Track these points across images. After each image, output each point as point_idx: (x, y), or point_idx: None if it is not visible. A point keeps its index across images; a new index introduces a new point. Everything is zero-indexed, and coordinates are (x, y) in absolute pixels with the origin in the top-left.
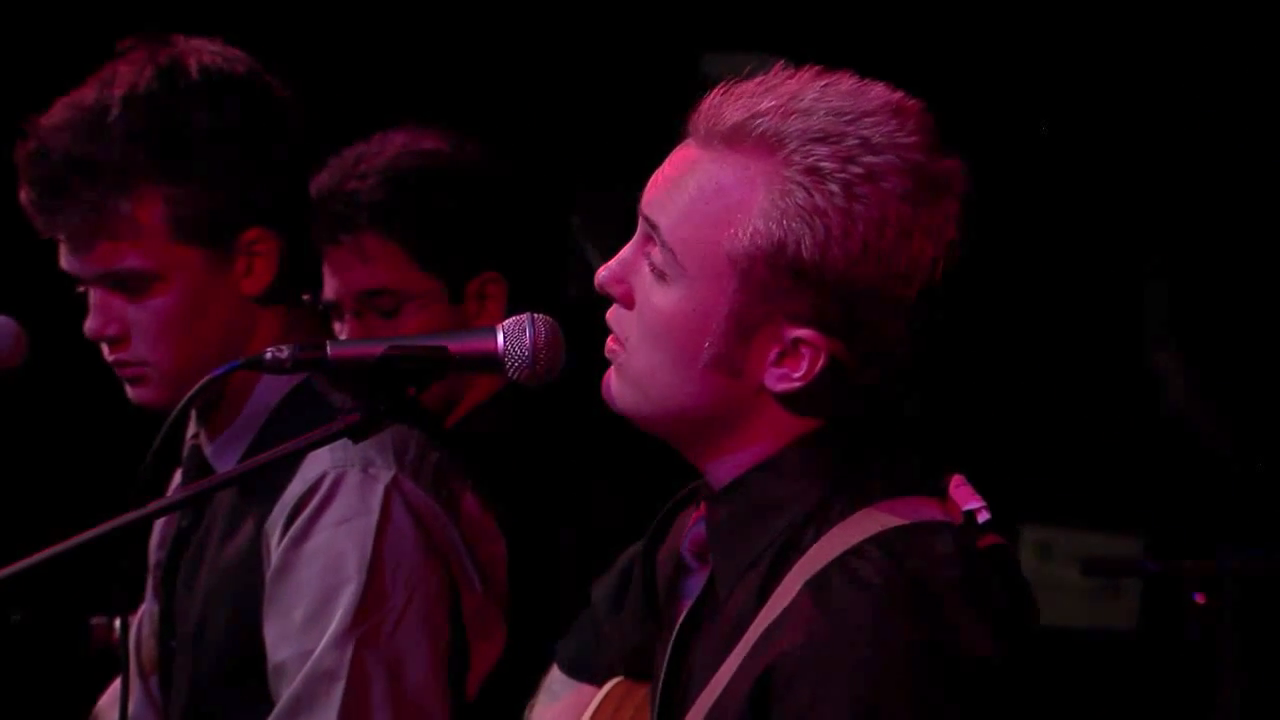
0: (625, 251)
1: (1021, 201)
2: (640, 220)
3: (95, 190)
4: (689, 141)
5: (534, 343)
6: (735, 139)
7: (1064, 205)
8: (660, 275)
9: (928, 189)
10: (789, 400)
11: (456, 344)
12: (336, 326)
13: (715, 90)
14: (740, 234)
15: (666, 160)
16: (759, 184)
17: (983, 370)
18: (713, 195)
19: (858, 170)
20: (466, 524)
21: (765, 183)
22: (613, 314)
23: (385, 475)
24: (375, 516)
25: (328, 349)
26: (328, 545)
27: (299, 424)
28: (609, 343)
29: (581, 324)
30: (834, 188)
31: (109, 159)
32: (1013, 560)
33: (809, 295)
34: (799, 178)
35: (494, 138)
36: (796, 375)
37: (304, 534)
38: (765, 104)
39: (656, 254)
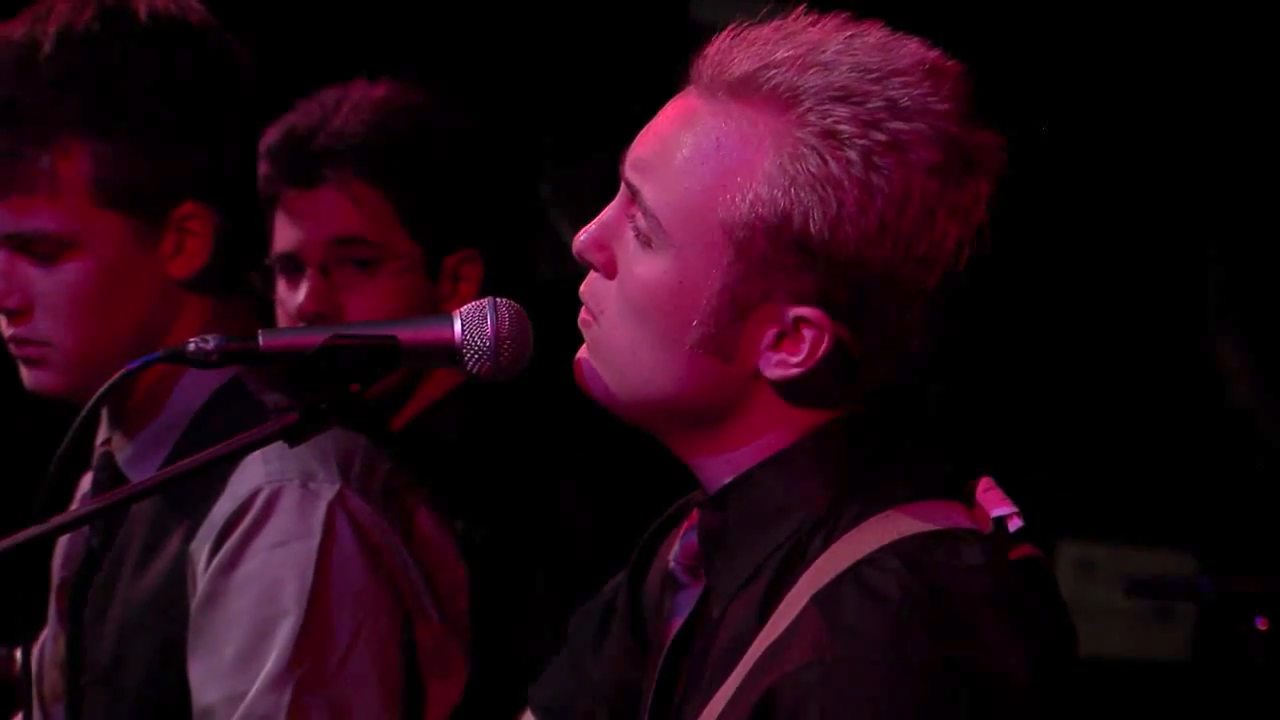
0: (607, 213)
1: (1067, 182)
2: (623, 181)
3: (13, 136)
4: (689, 90)
5: (496, 331)
6: (743, 90)
7: (1116, 186)
8: (645, 242)
9: (959, 164)
10: (787, 389)
11: (408, 333)
12: (283, 289)
13: (724, 34)
14: (739, 200)
15: (660, 112)
16: (766, 144)
17: (1014, 362)
18: (710, 153)
19: (880, 137)
20: (421, 546)
21: (774, 143)
22: (589, 284)
23: (328, 490)
24: (317, 538)
25: (260, 339)
26: (262, 572)
27: (227, 428)
28: (582, 315)
29: (553, 309)
30: (852, 155)
31: (33, 103)
32: (1049, 576)
33: (814, 274)
34: (813, 141)
35: (447, 94)
36: (795, 360)
37: (235, 558)
38: (781, 53)
39: (641, 220)
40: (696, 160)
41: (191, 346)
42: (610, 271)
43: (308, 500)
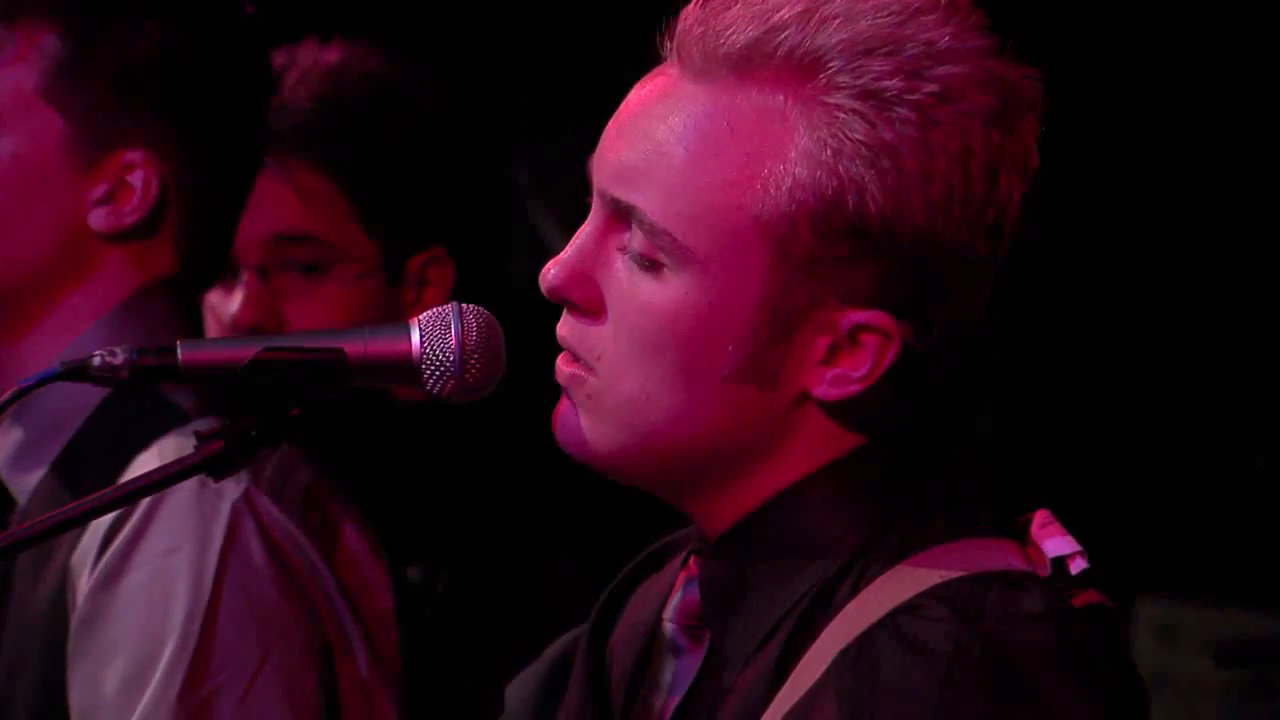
0: (582, 239)
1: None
2: (598, 199)
3: None
4: (668, 73)
5: (461, 343)
6: (749, 63)
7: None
8: (648, 266)
9: (1011, 107)
10: (839, 409)
11: (356, 345)
12: (215, 294)
13: (683, 15)
14: (774, 190)
15: (629, 104)
16: (794, 119)
17: (1083, 381)
18: (725, 142)
19: (931, 88)
20: (345, 566)
21: (803, 117)
22: (571, 327)
23: (232, 489)
24: (217, 544)
25: (179, 351)
26: (151, 584)
27: (128, 431)
28: (565, 368)
29: (529, 316)
30: (904, 112)
31: None
32: (1118, 629)
33: (872, 266)
34: (853, 104)
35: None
36: (858, 375)
37: (119, 568)
38: (786, 12)
39: (639, 241)
40: (709, 153)
41: (97, 360)
42: (596, 309)
43: (206, 499)
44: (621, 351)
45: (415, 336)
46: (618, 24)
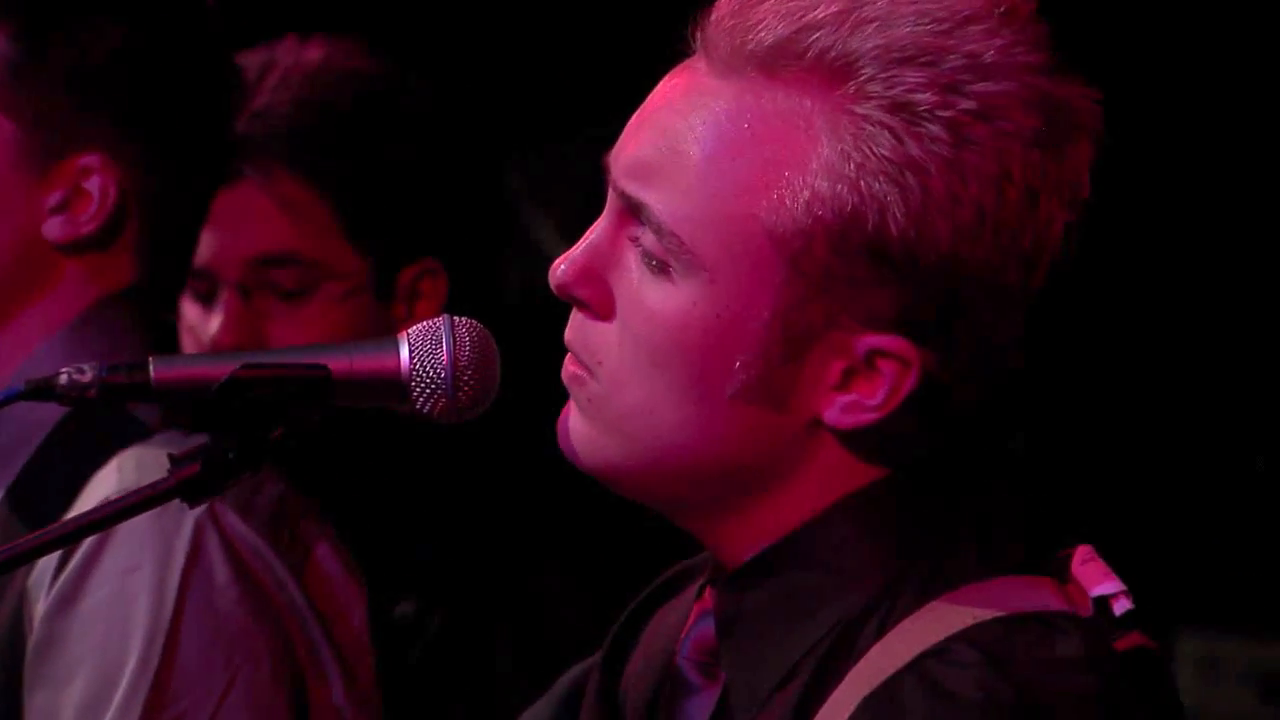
0: (594, 234)
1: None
2: (612, 192)
3: None
4: (695, 67)
5: (454, 360)
6: (777, 62)
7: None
8: (659, 268)
9: (1060, 128)
10: (854, 438)
11: (342, 361)
12: (193, 313)
13: (719, 6)
14: (791, 201)
15: (655, 96)
16: (818, 127)
17: (1119, 405)
18: (744, 145)
19: (968, 105)
20: (317, 585)
21: (828, 125)
22: (577, 328)
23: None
24: (180, 561)
25: (151, 368)
26: (110, 604)
27: (87, 447)
28: (569, 367)
29: (526, 331)
30: (934, 129)
31: None
32: (1165, 673)
33: (893, 289)
34: (881, 116)
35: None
36: (873, 403)
37: (76, 589)
38: (821, 11)
39: (650, 239)
40: (725, 156)
41: (64, 379)
42: (605, 310)
43: (169, 515)
44: (626, 358)
45: (404, 352)
46: (618, 28)
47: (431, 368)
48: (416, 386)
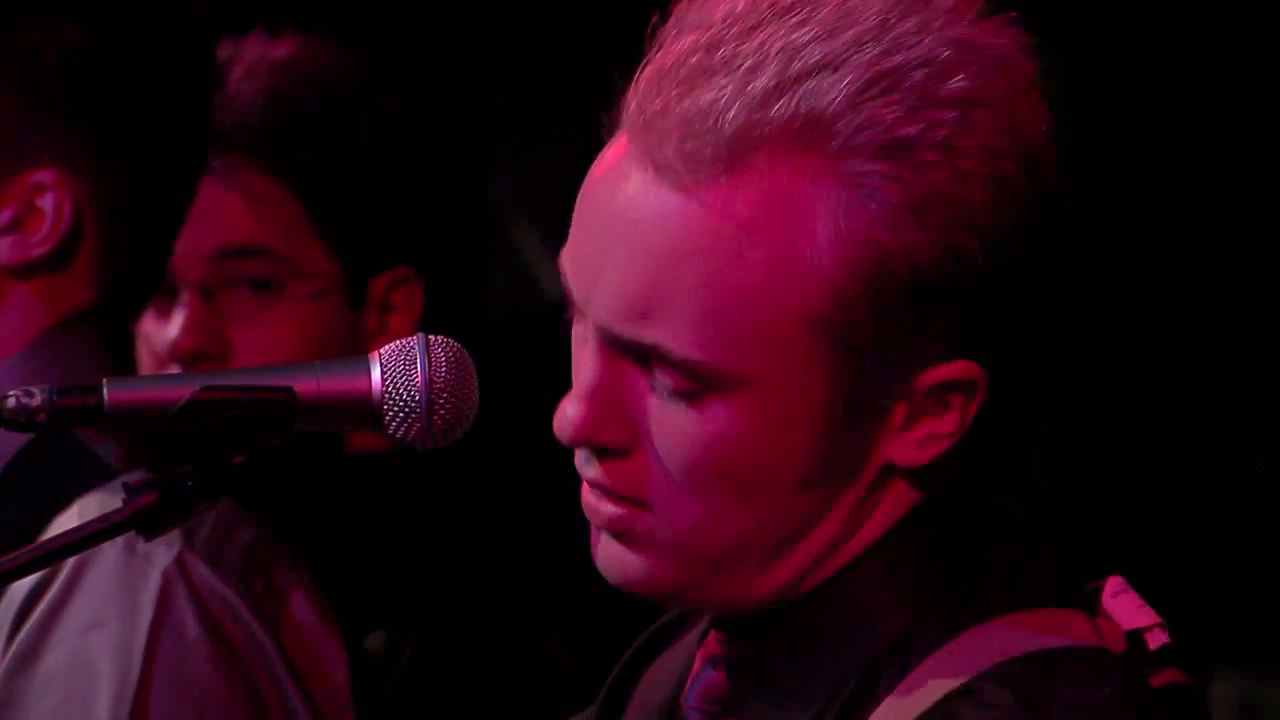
0: (591, 379)
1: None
2: (598, 334)
3: None
4: (642, 172)
5: (428, 382)
6: (741, 155)
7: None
8: (692, 396)
9: (1017, 85)
10: (922, 472)
11: (308, 383)
12: (149, 319)
13: (639, 93)
14: (811, 281)
15: (603, 217)
16: (810, 199)
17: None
18: (741, 250)
19: (948, 115)
20: (293, 638)
21: (820, 194)
22: (606, 471)
23: (163, 555)
24: (146, 619)
25: (105, 391)
26: (72, 664)
27: (44, 490)
28: (607, 508)
29: (508, 350)
30: (929, 155)
31: None
32: (1203, 709)
33: (942, 319)
34: (873, 166)
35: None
36: (945, 431)
37: (36, 647)
38: (756, 81)
39: (671, 379)
40: (724, 266)
41: (11, 402)
42: (630, 444)
43: (134, 567)
44: (676, 485)
45: (375, 373)
46: (607, 28)
47: (405, 390)
48: (389, 410)
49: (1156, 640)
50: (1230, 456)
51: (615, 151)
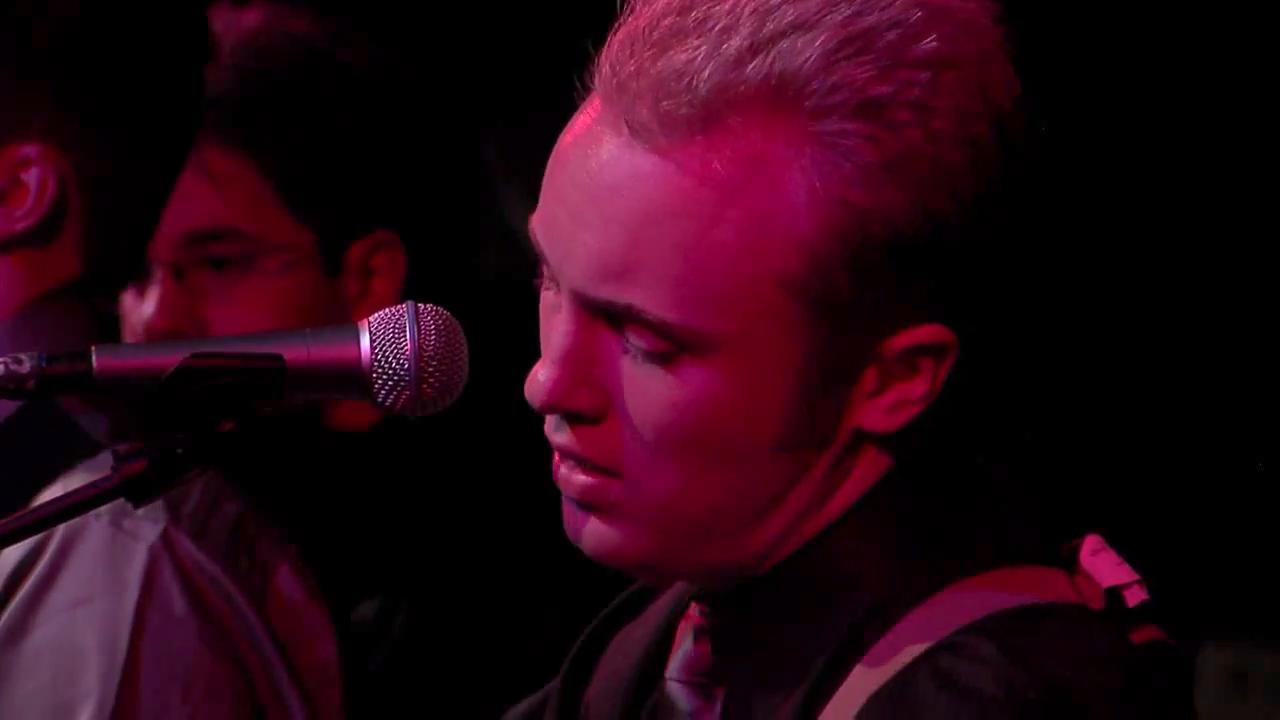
0: (565, 342)
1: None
2: (571, 298)
3: None
4: (615, 133)
5: (418, 350)
6: (716, 116)
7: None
8: (664, 359)
9: (984, 50)
10: (893, 436)
11: (298, 350)
12: (129, 299)
13: (611, 56)
14: (790, 245)
15: (577, 180)
16: (785, 160)
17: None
18: (717, 211)
19: (920, 75)
20: (279, 613)
21: (794, 155)
22: (577, 438)
23: (149, 530)
24: (133, 595)
25: (94, 358)
26: (59, 640)
27: (30, 464)
28: (579, 477)
29: (499, 316)
30: (904, 115)
31: None
32: (1184, 671)
33: (919, 283)
34: (847, 126)
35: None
36: (916, 396)
37: (23, 624)
38: (730, 42)
39: (645, 339)
40: (700, 227)
41: (0, 369)
42: (602, 410)
43: (120, 543)
44: (648, 452)
45: (365, 341)
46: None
47: (394, 358)
48: (378, 378)
49: (1135, 598)
50: (1222, 432)
51: (587, 116)
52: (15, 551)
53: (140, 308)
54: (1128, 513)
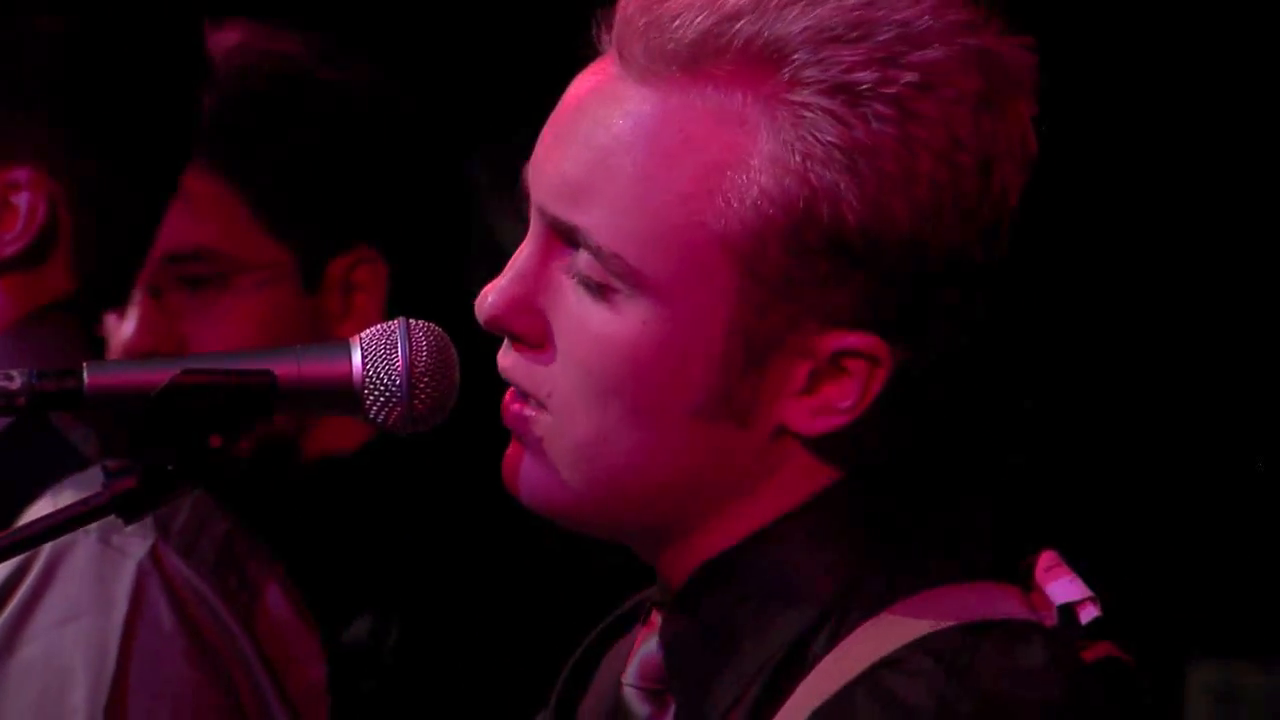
0: (521, 261)
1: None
2: (536, 215)
3: None
4: (607, 71)
5: (409, 366)
6: (701, 60)
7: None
8: (599, 292)
9: (1002, 88)
10: (823, 443)
11: (289, 366)
12: (112, 318)
13: (621, 3)
14: (737, 204)
15: (566, 106)
16: (755, 120)
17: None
18: (678, 150)
19: (910, 77)
20: (267, 632)
21: (765, 117)
22: (515, 361)
23: (137, 547)
24: (120, 612)
25: (85, 375)
26: (46, 658)
27: (17, 479)
28: (512, 406)
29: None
30: (880, 108)
31: None
32: (1140, 689)
33: (856, 281)
34: (822, 102)
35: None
36: (844, 405)
37: (9, 642)
38: None
39: (587, 263)
40: (661, 166)
41: None
42: (542, 340)
43: (108, 559)
44: (573, 388)
45: (356, 357)
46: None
47: (386, 374)
48: (370, 394)
49: (1088, 614)
50: (1218, 450)
51: (594, 64)
52: (1, 568)
53: (121, 328)
54: (1118, 531)
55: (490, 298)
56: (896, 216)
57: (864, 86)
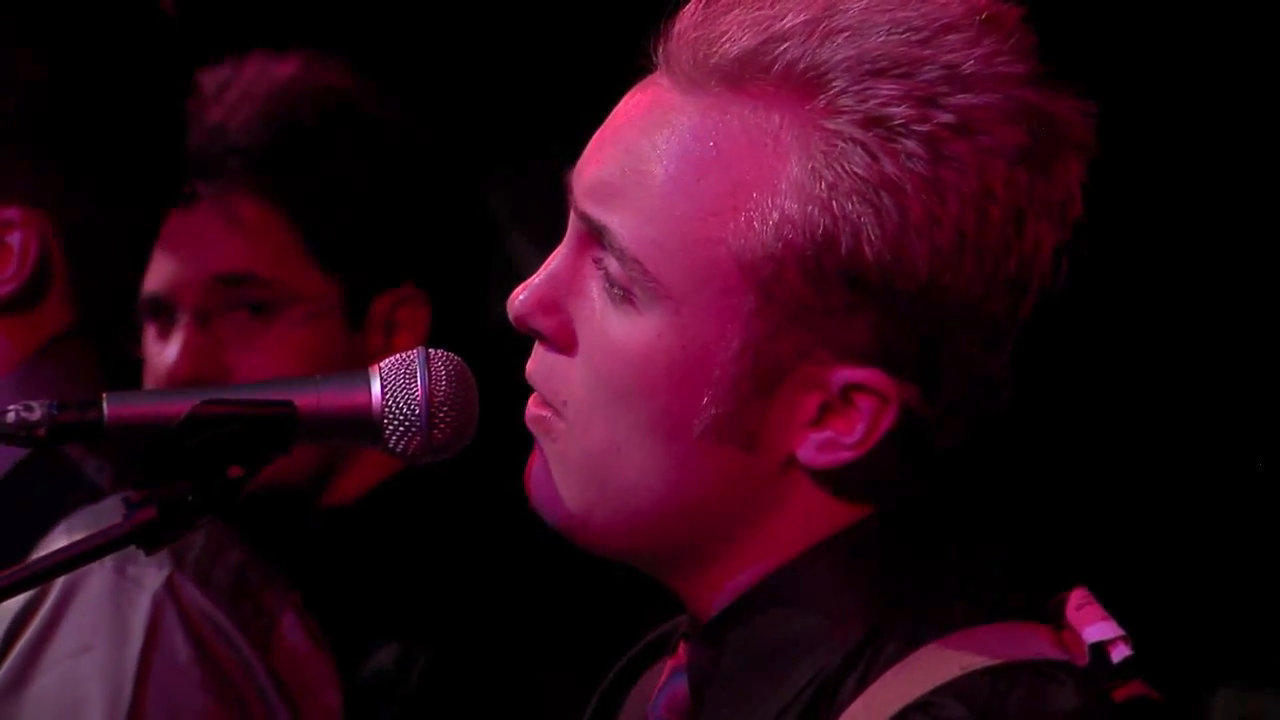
0: (555, 262)
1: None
2: (574, 215)
3: None
4: (658, 83)
5: (429, 395)
6: (743, 75)
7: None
8: (621, 297)
9: (1046, 143)
10: (831, 478)
11: (309, 397)
12: (152, 342)
13: (696, 2)
14: (759, 224)
15: (617, 114)
16: (787, 144)
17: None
18: (709, 164)
19: (945, 118)
20: (283, 660)
21: (798, 142)
22: (540, 362)
23: (153, 577)
24: (136, 643)
25: (105, 406)
26: (61, 689)
27: (32, 510)
28: (533, 409)
29: (507, 361)
30: (910, 145)
31: None
32: None
33: (871, 316)
34: (854, 132)
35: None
36: (850, 440)
37: (25, 672)
38: (789, 20)
39: (613, 265)
40: (691, 177)
41: (11, 417)
42: (567, 342)
43: (124, 590)
44: (588, 395)
45: (375, 387)
46: (606, 43)
47: (405, 404)
48: (389, 424)
49: (1120, 653)
50: (1232, 469)
51: (650, 76)
52: (17, 598)
53: (164, 353)
54: (1140, 560)
55: (521, 295)
56: (916, 257)
57: (898, 122)
